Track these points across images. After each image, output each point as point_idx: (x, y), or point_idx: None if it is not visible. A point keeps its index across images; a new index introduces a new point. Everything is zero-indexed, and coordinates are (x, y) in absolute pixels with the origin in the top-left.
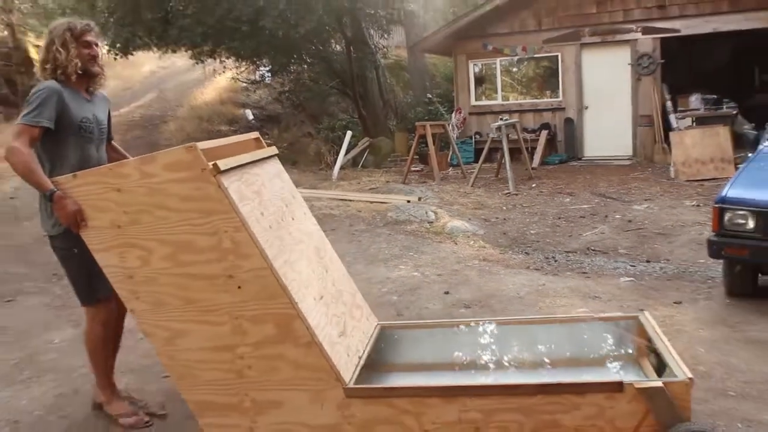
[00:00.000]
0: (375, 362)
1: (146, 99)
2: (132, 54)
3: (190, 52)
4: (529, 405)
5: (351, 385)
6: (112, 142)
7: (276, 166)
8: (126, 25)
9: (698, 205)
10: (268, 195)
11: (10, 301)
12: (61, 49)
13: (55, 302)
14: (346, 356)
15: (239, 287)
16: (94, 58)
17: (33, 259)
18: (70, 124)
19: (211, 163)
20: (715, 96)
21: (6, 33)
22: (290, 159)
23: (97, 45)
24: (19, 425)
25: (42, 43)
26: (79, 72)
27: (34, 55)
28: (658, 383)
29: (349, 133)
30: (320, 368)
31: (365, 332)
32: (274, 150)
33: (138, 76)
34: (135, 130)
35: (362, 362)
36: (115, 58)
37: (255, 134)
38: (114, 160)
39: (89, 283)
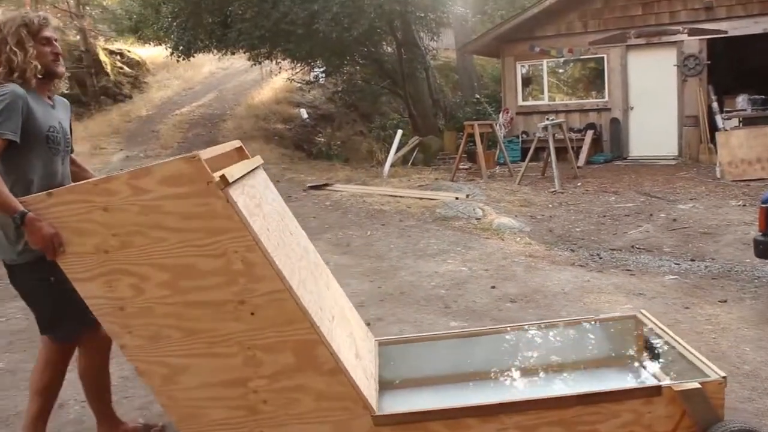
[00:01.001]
0: (385, 382)
1: (206, 99)
2: (193, 56)
3: (247, 54)
4: (568, 417)
5: (379, 413)
6: (72, 155)
7: (263, 176)
8: (188, 29)
9: (744, 205)
10: (267, 208)
11: None
12: (15, 48)
13: None
14: (366, 380)
15: (252, 313)
16: (57, 56)
17: None
18: (35, 135)
19: (218, 175)
20: (763, 96)
21: (78, 37)
22: (342, 156)
23: (56, 40)
24: (86, 404)
25: None
26: (40, 75)
27: (104, 58)
28: (696, 384)
29: (399, 132)
30: (346, 396)
31: (370, 351)
32: (259, 160)
33: (199, 77)
34: (195, 128)
35: (377, 385)
36: (178, 60)
37: (237, 143)
38: (78, 177)
39: (66, 317)
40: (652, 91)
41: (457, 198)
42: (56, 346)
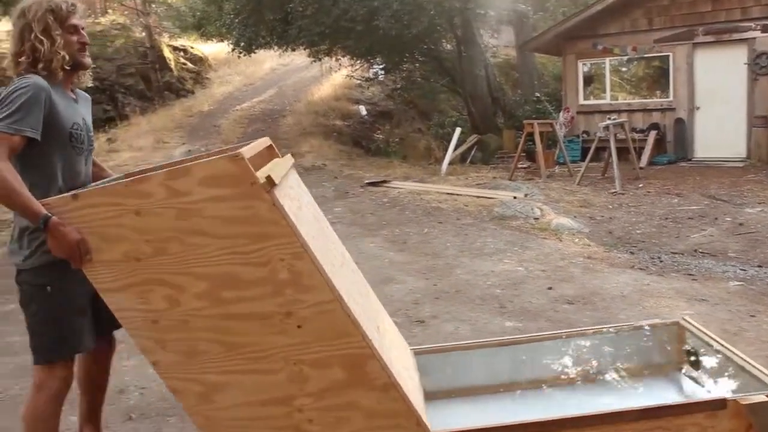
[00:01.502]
0: (427, 395)
1: (267, 95)
2: (254, 52)
3: (308, 50)
4: None
5: (433, 429)
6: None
7: (296, 176)
8: (249, 25)
9: None
10: (306, 211)
11: None
12: (42, 36)
13: None
14: (416, 394)
15: (299, 326)
16: (84, 46)
17: None
18: (58, 133)
19: (263, 176)
20: None
21: (144, 34)
22: (400, 154)
23: (83, 28)
24: (146, 392)
25: (12, 27)
26: (67, 66)
27: (168, 54)
28: (763, 397)
29: (458, 130)
30: (398, 413)
31: (411, 362)
32: (291, 159)
33: (260, 72)
34: (256, 123)
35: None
36: (239, 56)
37: (266, 140)
38: (97, 177)
39: (61, 334)
40: (720, 90)
41: (515, 197)
42: (41, 365)
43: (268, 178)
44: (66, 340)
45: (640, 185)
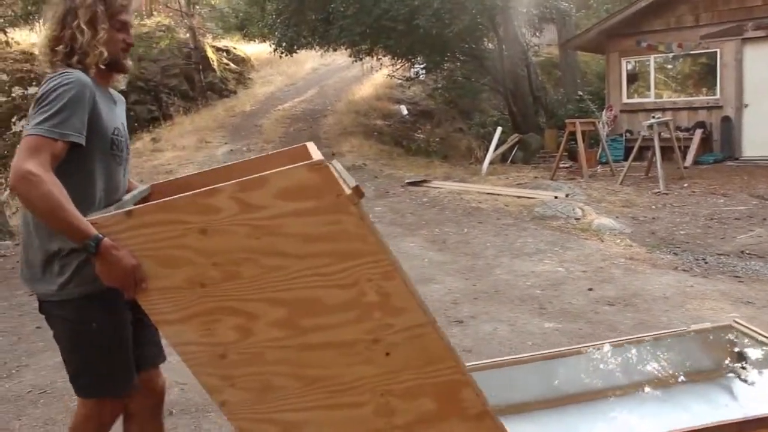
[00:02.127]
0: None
1: (308, 94)
2: (296, 52)
3: (349, 50)
4: None
5: None
6: None
7: None
8: (291, 26)
9: None
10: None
11: None
12: (85, 26)
13: None
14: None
15: (388, 354)
16: (128, 47)
17: None
18: (100, 139)
19: (350, 187)
20: None
21: (188, 35)
22: (441, 153)
23: (131, 27)
24: (187, 387)
25: (52, 8)
26: (103, 65)
27: (211, 54)
28: None
29: (499, 129)
30: None
31: None
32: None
33: (301, 72)
34: (298, 123)
35: None
36: (281, 56)
37: (310, 145)
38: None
39: (111, 371)
40: None
41: (556, 197)
42: (85, 400)
43: (356, 189)
44: (115, 377)
45: (685, 185)
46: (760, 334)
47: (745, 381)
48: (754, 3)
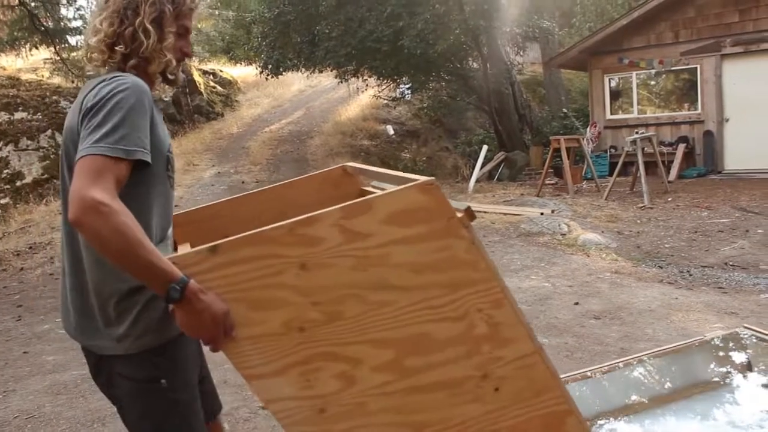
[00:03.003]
0: None
1: (295, 116)
2: (282, 74)
3: (335, 71)
4: None
5: None
6: None
7: None
8: (277, 48)
9: None
10: None
11: None
12: (150, 26)
13: None
14: None
15: (496, 389)
16: (185, 57)
17: None
18: (158, 157)
19: (462, 208)
20: None
21: None
22: (428, 172)
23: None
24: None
25: (112, 3)
26: (170, 75)
27: (198, 78)
28: None
29: (485, 147)
30: None
31: None
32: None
33: (288, 94)
34: (284, 144)
35: None
36: (267, 79)
37: (351, 165)
38: None
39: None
40: (750, 101)
41: (542, 213)
42: None
43: (467, 211)
44: None
45: (669, 199)
46: None
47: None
48: (732, 20)
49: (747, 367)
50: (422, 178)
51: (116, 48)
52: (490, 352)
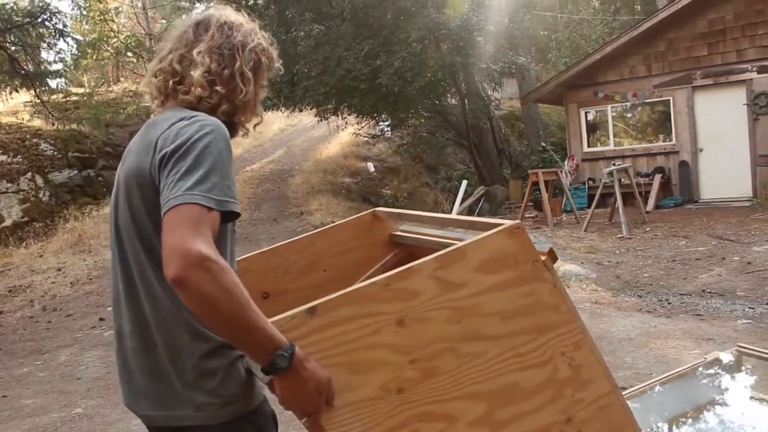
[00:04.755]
0: None
1: (276, 155)
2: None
3: (314, 110)
4: None
5: None
6: None
7: None
8: None
9: None
10: None
11: None
12: (250, 73)
13: None
14: None
15: None
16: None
17: None
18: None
19: (546, 249)
20: None
21: None
22: (409, 208)
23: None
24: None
25: (199, 30)
26: (242, 130)
27: None
28: None
29: (464, 182)
30: None
31: None
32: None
33: (269, 133)
34: (265, 183)
35: None
36: None
37: (381, 210)
38: None
39: None
40: (722, 131)
41: None
42: None
43: (550, 253)
44: None
45: (647, 229)
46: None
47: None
48: (701, 53)
49: (751, 384)
50: (507, 222)
51: (216, 88)
52: (572, 395)
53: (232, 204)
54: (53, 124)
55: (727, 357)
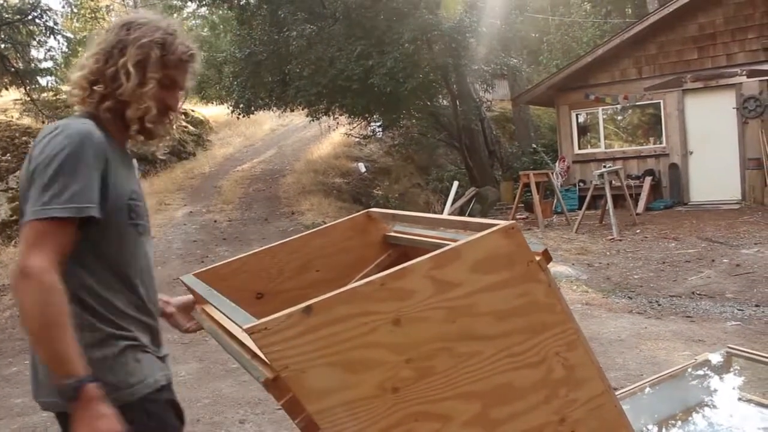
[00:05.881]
0: None
1: (267, 155)
2: (253, 113)
3: (306, 110)
4: None
5: None
6: None
7: None
8: (248, 88)
9: None
10: None
11: None
12: (132, 69)
13: (183, 338)
14: None
15: None
16: (167, 110)
17: None
18: (116, 207)
19: (540, 249)
20: None
21: None
22: (400, 209)
23: (182, 92)
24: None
25: (101, 38)
26: (147, 124)
27: None
28: None
29: (455, 183)
30: None
31: None
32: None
33: (260, 133)
34: (257, 183)
35: None
36: (238, 118)
37: (373, 210)
38: None
39: None
40: (712, 134)
41: None
42: None
43: (545, 254)
44: None
45: (638, 231)
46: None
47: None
48: (691, 57)
49: (740, 385)
50: (502, 222)
51: (95, 87)
52: (566, 395)
53: (88, 208)
54: (43, 122)
55: (716, 358)
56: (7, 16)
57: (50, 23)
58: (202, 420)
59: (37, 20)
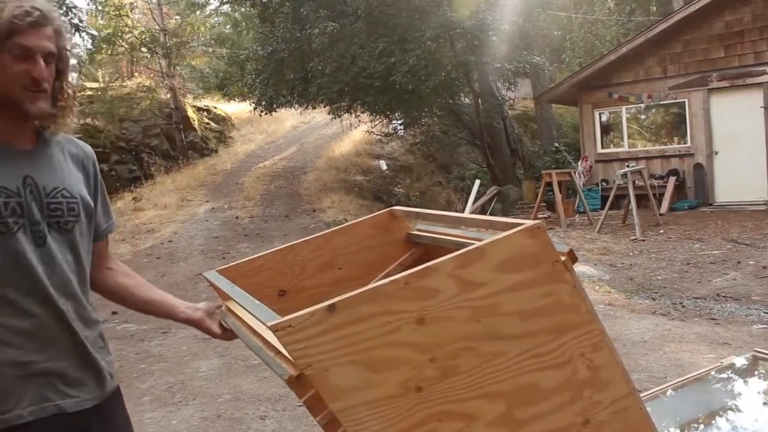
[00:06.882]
0: None
1: (288, 152)
2: (275, 111)
3: (328, 107)
4: None
5: None
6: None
7: None
8: (271, 85)
9: None
10: None
11: (165, 333)
12: None
13: (203, 334)
14: None
15: None
16: (35, 82)
17: (185, 294)
18: None
19: (565, 250)
20: None
21: (169, 96)
22: (421, 207)
23: (50, 55)
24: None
25: None
26: (20, 108)
27: (192, 114)
28: None
29: (477, 182)
30: None
31: None
32: None
33: (282, 131)
34: (278, 180)
35: None
36: (260, 115)
37: (396, 209)
38: (120, 288)
39: None
40: (738, 134)
41: None
42: None
43: (570, 254)
44: None
45: (661, 231)
46: None
47: None
48: (717, 55)
49: (766, 390)
50: (527, 221)
51: None
52: (590, 396)
53: None
54: None
55: (742, 361)
56: None
57: (75, 20)
58: (224, 416)
59: (62, 18)
